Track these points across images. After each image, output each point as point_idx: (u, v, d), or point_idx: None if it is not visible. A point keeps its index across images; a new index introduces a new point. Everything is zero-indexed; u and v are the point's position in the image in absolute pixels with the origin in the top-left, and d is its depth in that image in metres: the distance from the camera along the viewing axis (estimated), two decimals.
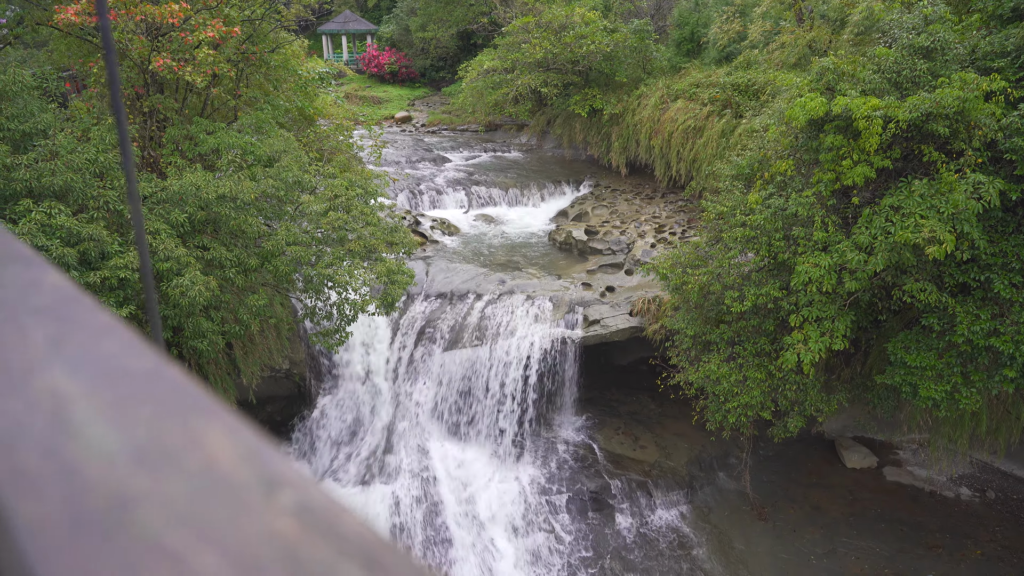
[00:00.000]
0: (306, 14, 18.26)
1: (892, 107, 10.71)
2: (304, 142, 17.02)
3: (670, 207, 22.96)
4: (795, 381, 12.71)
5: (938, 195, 10.39)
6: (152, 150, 13.69)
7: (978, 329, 10.97)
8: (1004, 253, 11.10)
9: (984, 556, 14.10)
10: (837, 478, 16.42)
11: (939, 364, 11.52)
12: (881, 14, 16.29)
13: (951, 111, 10.39)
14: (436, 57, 45.06)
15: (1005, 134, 10.83)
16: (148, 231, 10.85)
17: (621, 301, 16.83)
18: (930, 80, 11.35)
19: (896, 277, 11.44)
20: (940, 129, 10.51)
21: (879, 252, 10.68)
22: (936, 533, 14.73)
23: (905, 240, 10.31)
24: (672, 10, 29.01)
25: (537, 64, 26.79)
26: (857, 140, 11.09)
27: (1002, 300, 11.15)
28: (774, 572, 13.89)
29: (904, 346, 12.01)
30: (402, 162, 27.67)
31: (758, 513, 15.24)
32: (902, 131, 10.90)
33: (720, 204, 13.92)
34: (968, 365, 11.54)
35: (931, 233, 10.07)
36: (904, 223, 10.48)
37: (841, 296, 11.65)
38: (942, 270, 11.53)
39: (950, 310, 11.33)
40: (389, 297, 13.11)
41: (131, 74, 13.28)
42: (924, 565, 13.89)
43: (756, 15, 21.61)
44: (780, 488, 15.99)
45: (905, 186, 10.96)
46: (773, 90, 18.33)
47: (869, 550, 14.29)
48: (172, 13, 11.83)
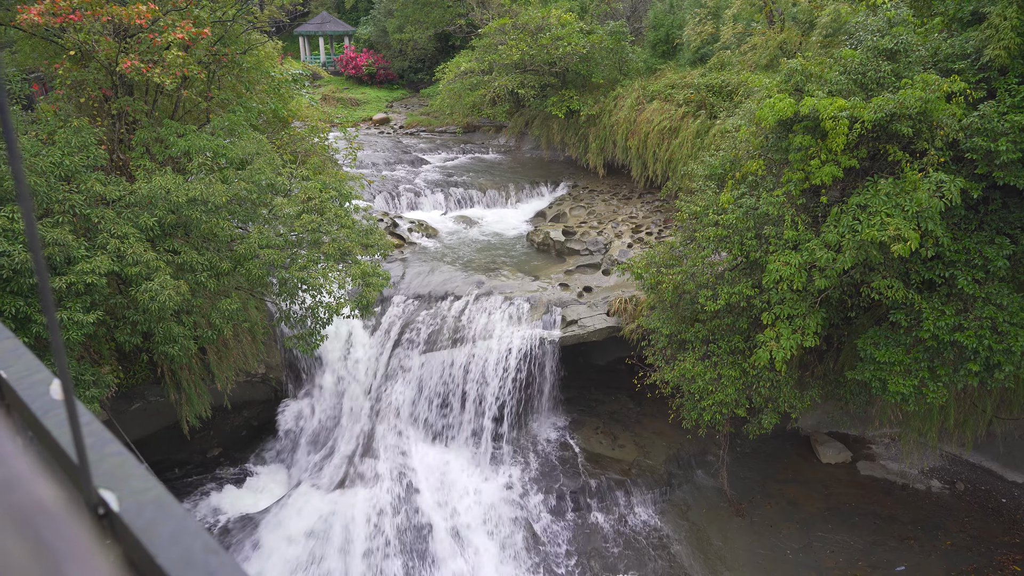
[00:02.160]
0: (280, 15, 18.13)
1: (858, 108, 10.90)
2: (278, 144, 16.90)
3: (647, 207, 23.13)
4: (768, 378, 12.87)
5: (903, 194, 10.59)
6: (121, 153, 13.51)
7: (943, 325, 11.20)
8: (967, 250, 11.34)
9: (954, 546, 14.38)
10: (812, 473, 16.64)
11: (907, 359, 11.74)
12: (848, 16, 16.57)
13: (914, 112, 10.60)
14: (414, 59, 44.95)
15: (966, 134, 11.07)
16: (116, 235, 10.71)
17: (598, 301, 16.92)
18: (894, 81, 11.57)
19: (864, 274, 11.64)
20: (904, 129, 10.72)
21: (847, 250, 10.85)
22: (908, 525, 15.00)
23: (872, 238, 10.50)
24: (647, 12, 29.24)
25: (514, 66, 26.86)
26: (825, 140, 11.27)
27: (966, 296, 11.39)
28: (752, 568, 14.04)
29: (873, 342, 12.21)
30: (380, 164, 27.57)
31: (735, 509, 15.40)
32: (868, 131, 11.09)
33: (694, 204, 14.06)
34: (935, 360, 11.76)
35: (896, 231, 10.26)
36: (871, 221, 10.67)
37: (812, 294, 11.83)
38: (908, 267, 11.75)
39: (916, 306, 11.54)
40: (364, 299, 13.07)
41: (98, 76, 13.10)
42: (897, 557, 14.13)
43: (728, 17, 21.86)
44: (757, 484, 16.17)
45: (871, 185, 11.15)
46: (746, 91, 18.56)
47: (844, 543, 14.50)
48: (140, 14, 11.70)
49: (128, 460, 1.03)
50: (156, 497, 0.96)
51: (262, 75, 17.04)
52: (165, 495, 0.97)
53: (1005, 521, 15.12)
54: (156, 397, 14.87)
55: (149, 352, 12.89)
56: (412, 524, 14.38)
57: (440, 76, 31.22)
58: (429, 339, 16.40)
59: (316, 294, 12.45)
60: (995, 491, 15.94)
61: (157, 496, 0.96)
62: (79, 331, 9.81)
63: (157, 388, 14.67)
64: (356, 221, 14.20)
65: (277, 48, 19.79)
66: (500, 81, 26.87)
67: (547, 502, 15.29)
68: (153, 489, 0.97)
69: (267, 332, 15.77)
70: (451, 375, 16.18)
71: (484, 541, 14.52)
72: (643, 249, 18.42)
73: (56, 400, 1.12)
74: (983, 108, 10.84)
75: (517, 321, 16.43)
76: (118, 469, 1.00)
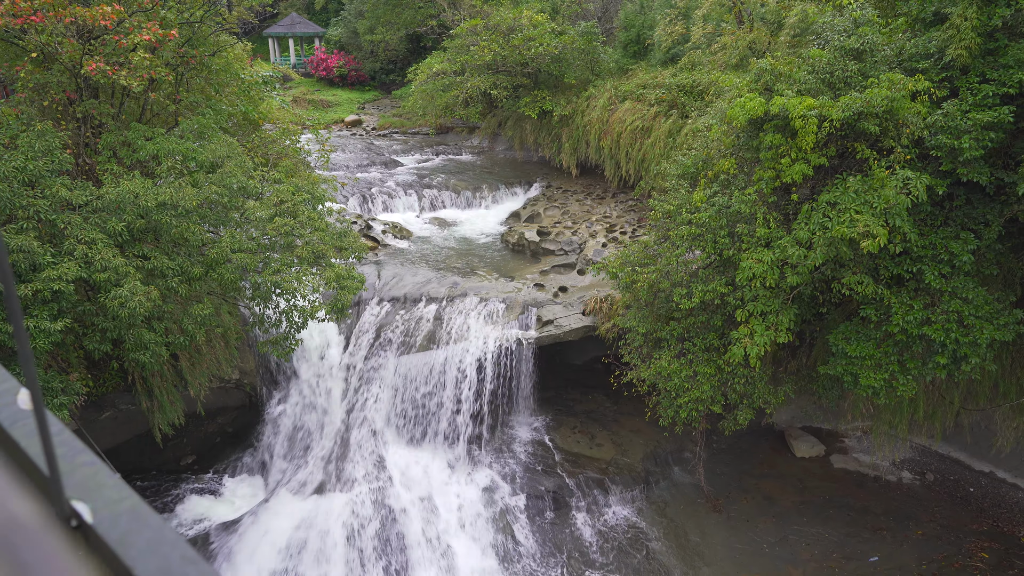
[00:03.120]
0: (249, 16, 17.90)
1: (826, 107, 11.09)
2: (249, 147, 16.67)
3: (620, 207, 23.27)
4: (743, 375, 13.03)
5: (871, 191, 10.80)
6: (87, 157, 13.22)
7: (912, 319, 11.44)
8: (933, 245, 11.61)
9: (924, 536, 14.70)
10: (787, 467, 16.89)
11: (877, 353, 11.97)
12: (815, 17, 16.87)
13: (881, 110, 10.82)
14: (385, 60, 44.69)
15: (931, 132, 11.33)
16: (84, 241, 10.47)
17: (574, 301, 16.98)
18: (861, 80, 11.80)
19: (835, 271, 11.84)
20: (871, 127, 10.93)
21: (818, 247, 11.04)
22: (881, 516, 15.29)
23: (842, 235, 10.69)
24: (618, 13, 29.43)
25: (486, 66, 26.84)
26: (795, 139, 11.44)
27: (933, 290, 11.65)
28: (729, 562, 14.20)
29: (845, 337, 12.43)
30: (352, 166, 27.36)
31: (713, 505, 15.56)
32: (836, 130, 11.29)
33: (667, 203, 14.18)
34: (904, 354, 12.01)
35: (866, 228, 10.46)
36: (840, 218, 10.86)
37: (784, 290, 12.00)
38: (877, 263, 11.98)
39: (886, 301, 11.78)
40: (339, 302, 12.94)
41: (62, 78, 12.79)
42: (870, 547, 14.40)
43: (698, 17, 22.10)
44: (733, 480, 16.36)
45: (841, 182, 11.35)
46: (717, 90, 18.77)
47: (819, 536, 14.74)
48: (104, 15, 11.45)
49: (101, 470, 1.00)
50: (131, 507, 0.93)
51: (232, 77, 16.80)
52: (140, 505, 0.94)
53: (973, 509, 15.50)
54: (127, 405, 14.56)
55: (119, 359, 12.62)
56: (389, 528, 14.28)
57: (412, 77, 31.08)
58: (405, 341, 16.30)
59: (291, 298, 12.30)
60: (963, 480, 16.34)
61: (132, 506, 0.93)
62: (46, 339, 9.57)
63: (128, 396, 14.37)
64: (330, 224, 14.06)
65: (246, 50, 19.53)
66: (473, 82, 26.83)
67: (526, 502, 15.29)
68: (128, 499, 0.95)
69: (240, 337, 15.54)
70: (427, 377, 16.10)
71: (462, 543, 14.47)
72: (617, 248, 18.53)
73: (24, 410, 1.09)
74: (947, 106, 11.10)
75: (493, 322, 16.42)
76: (91, 479, 0.98)
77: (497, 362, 15.92)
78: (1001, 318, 11.46)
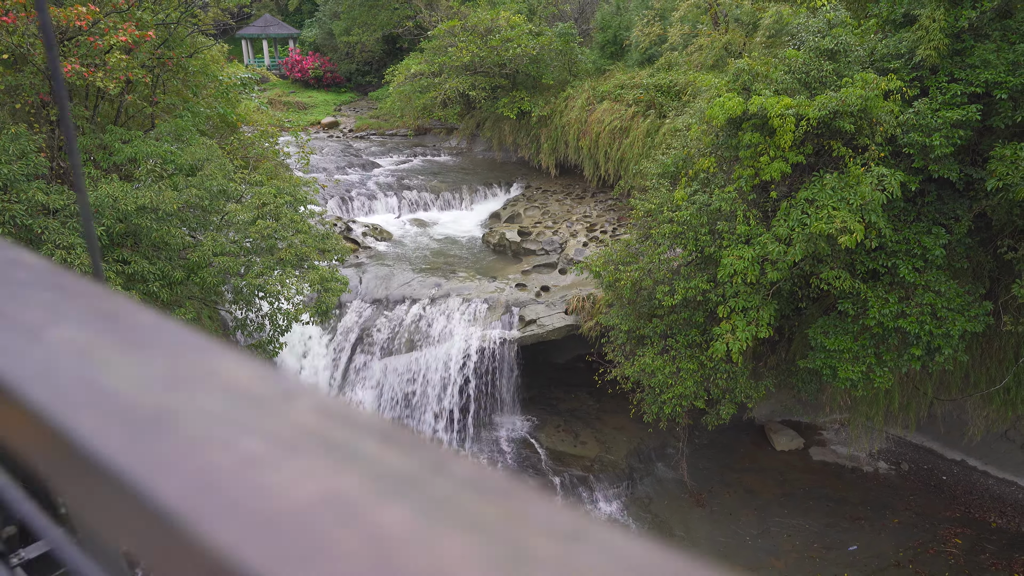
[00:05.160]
0: (224, 17, 17.74)
1: (803, 106, 11.34)
2: (228, 150, 16.51)
3: (600, 206, 23.46)
4: (725, 370, 13.25)
5: (847, 188, 11.07)
6: (62, 161, 12.99)
7: (887, 312, 11.74)
8: (907, 240, 11.93)
9: (901, 524, 15.06)
10: (768, 461, 17.18)
11: (855, 347, 12.26)
12: (789, 18, 17.21)
13: (855, 109, 11.10)
14: (362, 61, 44.43)
15: (903, 130, 11.65)
16: (62, 246, 10.31)
17: (556, 300, 17.09)
18: (835, 80, 12.08)
19: (813, 266, 12.11)
20: (846, 126, 11.21)
21: (797, 243, 11.28)
22: (859, 506, 15.63)
23: (820, 231, 10.93)
24: (595, 14, 29.67)
25: (464, 67, 26.86)
26: (773, 137, 11.68)
27: (907, 284, 11.97)
28: (713, 556, 14.40)
29: (823, 331, 12.71)
30: (331, 168, 27.19)
31: (696, 500, 15.77)
32: (813, 128, 11.55)
33: (648, 202, 14.36)
34: (880, 346, 12.32)
35: (843, 223, 10.72)
36: (818, 215, 11.11)
37: (764, 286, 12.23)
38: (854, 258, 12.28)
39: (862, 295, 12.07)
40: (323, 305, 12.89)
41: (35, 80, 12.56)
42: (849, 537, 14.72)
43: (675, 18, 22.39)
44: (716, 474, 16.60)
45: (818, 180, 11.62)
46: (694, 91, 19.04)
47: (799, 527, 15.02)
48: (79, 16, 11.28)
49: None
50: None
51: (209, 79, 16.62)
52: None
53: (946, 497, 15.92)
54: None
55: None
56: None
57: (390, 79, 30.98)
58: (387, 343, 16.27)
59: (274, 301, 12.22)
60: (936, 469, 16.77)
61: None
62: None
63: None
64: (312, 226, 13.99)
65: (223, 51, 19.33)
66: (451, 83, 26.84)
67: None
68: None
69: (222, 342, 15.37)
70: (411, 379, 16.09)
71: None
72: (598, 248, 18.69)
73: None
74: (918, 105, 11.42)
75: (476, 322, 16.46)
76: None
77: (481, 362, 15.97)
78: (971, 310, 11.81)
